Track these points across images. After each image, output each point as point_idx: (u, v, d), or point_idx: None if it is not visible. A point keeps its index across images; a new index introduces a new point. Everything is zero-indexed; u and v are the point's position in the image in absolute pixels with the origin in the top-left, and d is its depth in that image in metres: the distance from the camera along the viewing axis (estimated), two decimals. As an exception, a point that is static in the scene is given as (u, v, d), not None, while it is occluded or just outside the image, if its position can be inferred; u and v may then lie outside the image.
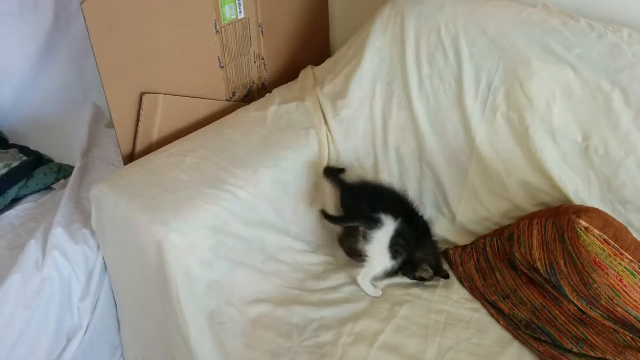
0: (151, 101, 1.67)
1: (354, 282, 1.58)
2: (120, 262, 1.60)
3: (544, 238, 1.46)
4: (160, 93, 1.70)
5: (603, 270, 1.32)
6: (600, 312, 1.39)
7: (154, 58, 1.66)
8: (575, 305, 1.42)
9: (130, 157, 1.69)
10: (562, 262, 1.41)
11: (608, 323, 1.39)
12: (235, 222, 1.52)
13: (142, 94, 1.66)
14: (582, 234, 1.33)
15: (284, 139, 1.72)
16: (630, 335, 1.37)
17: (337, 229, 1.73)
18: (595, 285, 1.34)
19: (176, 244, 1.40)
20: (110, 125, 1.89)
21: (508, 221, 1.64)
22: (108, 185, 1.53)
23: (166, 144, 1.67)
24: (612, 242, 1.31)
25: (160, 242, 1.39)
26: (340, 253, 1.70)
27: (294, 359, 1.38)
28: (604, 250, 1.31)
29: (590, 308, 1.40)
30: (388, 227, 1.54)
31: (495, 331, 1.47)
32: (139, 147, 1.69)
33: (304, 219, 1.70)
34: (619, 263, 1.30)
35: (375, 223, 1.54)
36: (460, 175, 1.69)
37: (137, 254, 1.47)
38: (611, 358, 1.34)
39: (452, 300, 1.56)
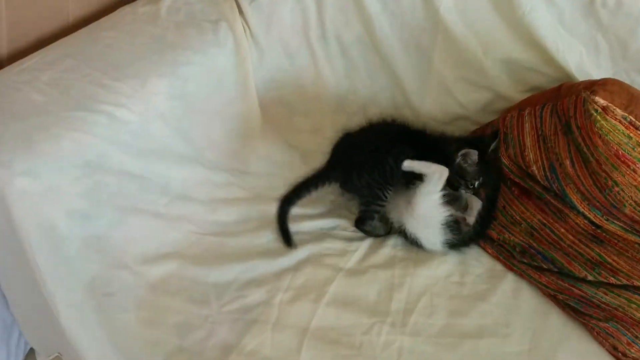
0: (-14, -2, 1.19)
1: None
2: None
3: (540, 132, 1.08)
4: (0, -13, 1.21)
5: (629, 166, 0.94)
6: (621, 224, 1.03)
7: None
8: (586, 217, 1.06)
9: (-29, 81, 1.23)
10: (567, 162, 1.03)
11: (631, 237, 1.03)
12: (119, 155, 1.10)
13: (-30, -11, 1.18)
14: (598, 117, 0.94)
15: (184, 38, 1.27)
16: (664, 249, 1.01)
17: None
18: (616, 189, 0.97)
19: (28, 191, 0.98)
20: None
21: (490, 117, 1.26)
22: None
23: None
24: (640, 125, 0.93)
25: (2, 191, 0.96)
26: (276, 183, 1.29)
27: (212, 332, 1.00)
28: (631, 138, 0.93)
29: (607, 220, 1.04)
30: None
31: (482, 264, 1.12)
32: (-18, 65, 1.23)
33: (222, 142, 1.29)
34: (652, 153, 0.93)
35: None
36: (423, 63, 1.30)
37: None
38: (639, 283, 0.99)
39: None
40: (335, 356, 0.96)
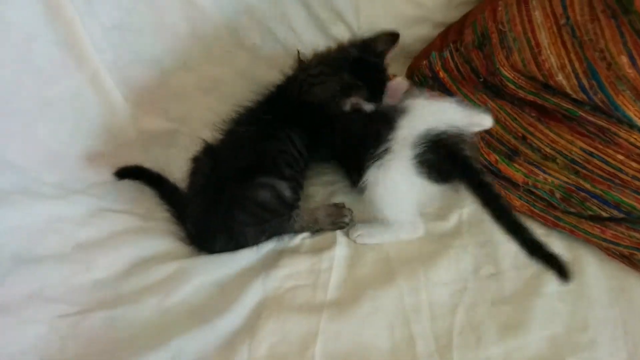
0: None
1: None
2: None
3: (565, 22, 0.71)
4: None
5: None
6: (698, 130, 0.70)
7: None
8: (645, 132, 0.72)
9: None
10: (623, 59, 0.67)
11: None
12: None
13: None
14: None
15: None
16: None
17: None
18: None
19: None
20: None
21: (458, 13, 0.85)
22: None
23: None
24: None
25: None
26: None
27: None
28: None
29: (677, 128, 0.71)
30: None
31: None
32: None
33: (66, 149, 0.81)
34: None
35: None
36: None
37: None
38: None
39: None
40: None
